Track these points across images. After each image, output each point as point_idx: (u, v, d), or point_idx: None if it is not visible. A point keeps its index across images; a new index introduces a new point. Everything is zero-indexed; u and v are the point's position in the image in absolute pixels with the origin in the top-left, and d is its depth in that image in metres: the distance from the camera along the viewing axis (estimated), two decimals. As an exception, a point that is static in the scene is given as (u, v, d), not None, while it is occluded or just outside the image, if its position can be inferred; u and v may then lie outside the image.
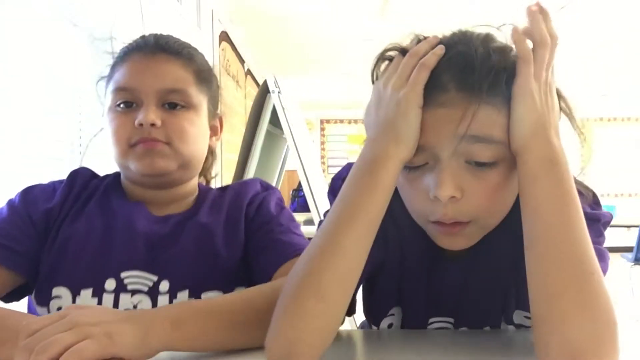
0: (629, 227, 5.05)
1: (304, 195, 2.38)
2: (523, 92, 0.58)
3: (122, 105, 0.83)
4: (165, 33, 0.93)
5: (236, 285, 0.84)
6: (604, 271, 0.60)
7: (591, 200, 0.70)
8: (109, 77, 0.88)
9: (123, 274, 0.80)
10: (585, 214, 0.57)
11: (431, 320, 0.78)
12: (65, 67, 1.67)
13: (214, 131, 0.94)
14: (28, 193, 0.88)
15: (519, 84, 0.59)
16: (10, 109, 1.41)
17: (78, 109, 1.73)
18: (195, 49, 0.94)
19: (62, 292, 0.79)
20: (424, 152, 0.61)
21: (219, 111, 0.96)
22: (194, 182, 0.93)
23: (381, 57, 0.70)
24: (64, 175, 0.92)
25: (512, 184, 0.62)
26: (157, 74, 0.83)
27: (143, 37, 0.89)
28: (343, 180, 0.64)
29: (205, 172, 1.00)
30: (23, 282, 0.82)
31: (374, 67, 0.71)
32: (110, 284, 0.79)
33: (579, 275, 0.53)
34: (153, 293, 0.80)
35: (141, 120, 0.80)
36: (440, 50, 0.62)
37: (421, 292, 0.77)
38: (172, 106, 0.83)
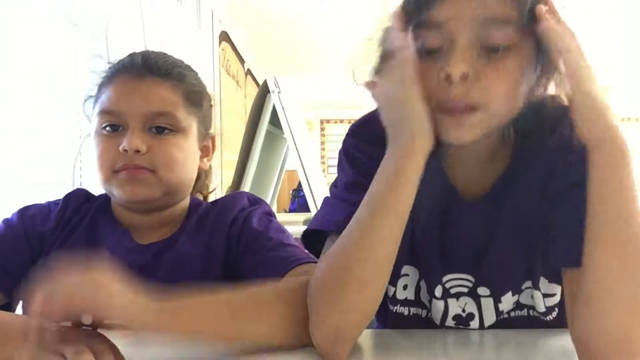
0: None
1: (304, 195, 2.38)
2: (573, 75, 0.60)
3: (107, 129, 0.81)
4: (163, 36, 0.92)
5: None
6: None
7: None
8: (96, 97, 0.86)
9: None
10: None
11: (447, 277, 0.76)
12: (65, 67, 1.67)
13: (206, 152, 0.92)
14: (25, 212, 0.87)
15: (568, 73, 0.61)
16: (10, 109, 1.41)
17: (78, 109, 1.73)
18: (187, 67, 0.90)
19: None
20: (439, 32, 0.61)
21: (211, 130, 0.93)
22: (183, 204, 0.91)
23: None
24: (64, 175, 0.92)
25: (525, 75, 0.63)
26: (144, 97, 0.81)
27: (131, 56, 0.86)
28: (346, 154, 0.74)
29: (198, 190, 0.98)
30: (5, 303, 0.81)
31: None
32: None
33: (637, 267, 0.56)
34: None
35: (125, 146, 0.78)
36: (398, 10, 0.65)
37: (434, 244, 0.76)
38: (160, 130, 0.81)
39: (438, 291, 0.76)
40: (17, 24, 1.43)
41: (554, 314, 0.76)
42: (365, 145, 0.76)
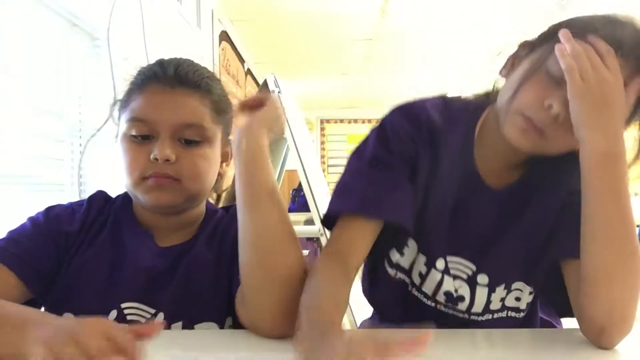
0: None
1: (304, 195, 2.37)
2: (573, 91, 0.67)
3: (138, 137, 0.84)
4: (163, 36, 0.93)
5: (228, 315, 0.86)
6: None
7: None
8: (125, 102, 0.88)
9: (124, 305, 0.83)
10: None
11: (450, 259, 0.84)
12: (65, 67, 1.67)
13: (226, 156, 0.95)
14: (50, 212, 0.89)
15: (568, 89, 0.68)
16: (10, 109, 1.41)
17: (78, 109, 1.73)
18: (214, 77, 0.93)
19: None
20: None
21: (230, 137, 0.96)
22: (201, 207, 0.94)
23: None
24: (64, 175, 0.93)
25: None
26: (175, 108, 0.84)
27: (162, 64, 0.88)
28: (388, 129, 0.80)
29: (212, 191, 1.00)
30: (30, 299, 0.83)
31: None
32: (112, 315, 0.82)
33: (630, 251, 0.67)
34: None
35: (156, 155, 0.81)
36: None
37: (442, 225, 0.83)
38: (188, 142, 0.85)
39: (440, 264, 0.84)
40: (17, 24, 1.43)
41: (526, 311, 0.87)
42: (410, 127, 0.81)
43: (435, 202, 0.81)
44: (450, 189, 0.81)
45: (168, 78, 0.86)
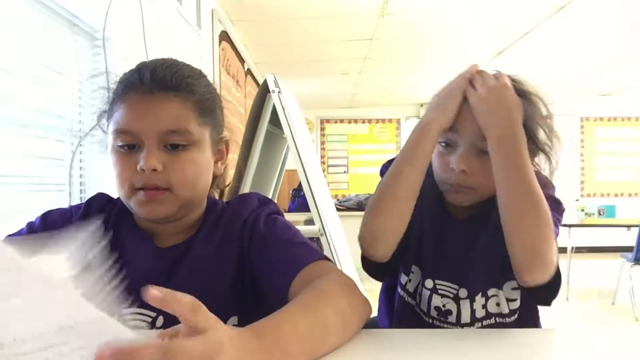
0: (629, 227, 5.05)
1: (304, 195, 2.37)
2: (473, 102, 0.91)
3: (124, 147, 0.83)
4: (163, 36, 0.92)
5: (231, 314, 0.85)
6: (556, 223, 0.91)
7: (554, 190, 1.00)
8: (109, 112, 0.87)
9: (125, 310, 0.82)
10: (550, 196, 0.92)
11: (438, 282, 1.03)
12: (66, 67, 1.67)
13: (220, 155, 0.94)
14: (47, 217, 0.89)
15: (468, 93, 0.92)
16: (10, 108, 1.41)
17: (78, 109, 1.73)
18: (197, 75, 0.90)
19: None
20: (453, 136, 0.94)
21: (223, 134, 0.94)
22: (200, 208, 0.93)
23: None
24: (63, 176, 0.93)
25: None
26: (155, 115, 0.82)
27: (139, 70, 0.86)
28: (387, 167, 0.97)
29: (215, 187, 0.99)
30: None
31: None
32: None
33: (532, 204, 0.84)
34: (150, 329, 0.81)
35: (142, 166, 0.80)
36: (474, 67, 0.96)
37: (430, 250, 1.04)
38: (174, 147, 0.83)
39: (428, 284, 1.04)
40: (17, 24, 1.43)
41: (516, 316, 1.01)
42: None
43: (424, 235, 1.05)
44: (431, 222, 1.05)
45: (146, 85, 0.83)
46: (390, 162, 1.00)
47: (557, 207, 0.96)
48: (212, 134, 0.89)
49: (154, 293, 0.51)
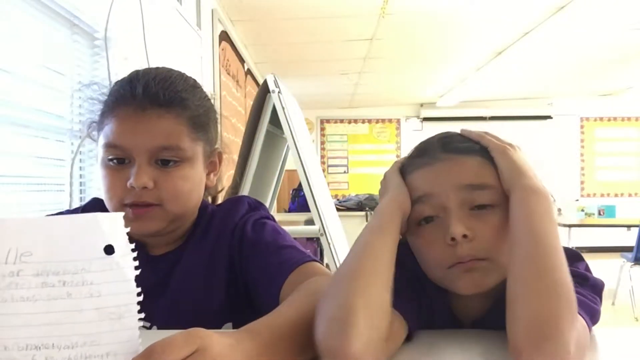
0: (629, 227, 5.05)
1: (304, 195, 2.37)
2: (497, 149, 0.75)
3: (114, 161, 0.81)
4: (163, 36, 0.91)
5: (225, 321, 0.85)
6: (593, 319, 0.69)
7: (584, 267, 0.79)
8: (100, 123, 0.85)
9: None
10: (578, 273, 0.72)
11: None
12: (65, 67, 1.67)
13: (213, 167, 0.92)
14: None
15: (491, 147, 0.75)
16: (10, 109, 1.41)
17: (78, 109, 1.73)
18: (191, 87, 0.87)
19: None
20: (432, 202, 0.74)
21: (218, 145, 0.93)
22: (191, 218, 0.91)
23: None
24: (63, 176, 0.93)
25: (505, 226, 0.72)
26: (147, 132, 0.80)
27: (131, 83, 0.83)
28: None
29: (206, 195, 0.98)
30: None
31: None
32: None
33: (547, 270, 0.63)
34: None
35: (132, 183, 0.78)
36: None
37: None
38: (165, 162, 0.81)
39: None
40: (17, 24, 1.43)
41: None
42: None
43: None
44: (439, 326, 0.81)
45: (137, 100, 0.80)
46: None
47: (583, 282, 0.74)
48: (205, 148, 0.88)
49: None
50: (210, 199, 1.02)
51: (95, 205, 0.93)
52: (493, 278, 0.72)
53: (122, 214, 0.52)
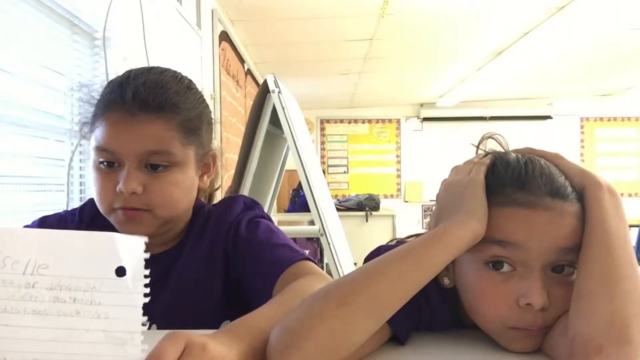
0: (629, 227, 5.05)
1: (304, 195, 2.37)
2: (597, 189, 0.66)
3: (104, 164, 0.81)
4: (163, 36, 0.91)
5: (223, 319, 0.84)
6: None
7: None
8: (91, 125, 0.85)
9: None
10: None
11: None
12: (65, 67, 1.67)
13: (206, 168, 0.91)
14: (44, 222, 0.89)
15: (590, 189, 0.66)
16: (10, 109, 1.41)
17: (78, 109, 1.73)
18: (183, 90, 0.86)
19: None
20: (516, 253, 0.64)
21: (212, 147, 0.92)
22: (184, 219, 0.91)
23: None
24: (63, 176, 0.93)
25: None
26: (137, 137, 0.79)
27: (121, 86, 0.82)
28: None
29: (201, 195, 0.97)
30: None
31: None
32: None
33: (629, 275, 0.60)
34: None
35: (121, 188, 0.78)
36: (488, 159, 0.70)
37: None
38: (155, 167, 0.80)
39: None
40: (17, 24, 1.43)
41: None
42: None
43: None
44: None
45: (127, 104, 0.80)
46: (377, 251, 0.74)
47: None
48: (197, 151, 0.87)
49: None
50: (207, 197, 1.02)
51: (92, 209, 0.92)
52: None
53: (144, 238, 0.51)
